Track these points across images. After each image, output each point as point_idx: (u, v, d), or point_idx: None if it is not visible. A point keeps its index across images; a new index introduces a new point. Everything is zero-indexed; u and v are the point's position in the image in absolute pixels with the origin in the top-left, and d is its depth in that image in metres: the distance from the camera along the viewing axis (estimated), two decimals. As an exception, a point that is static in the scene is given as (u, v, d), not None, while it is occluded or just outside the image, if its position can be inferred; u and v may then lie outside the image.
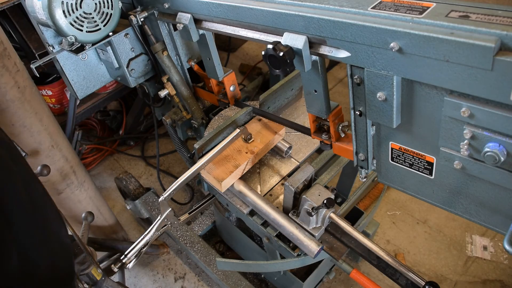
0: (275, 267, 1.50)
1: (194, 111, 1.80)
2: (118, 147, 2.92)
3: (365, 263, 2.06)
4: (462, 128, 0.81)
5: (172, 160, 2.82)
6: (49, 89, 2.28)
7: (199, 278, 2.15)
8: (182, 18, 1.35)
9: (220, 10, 1.19)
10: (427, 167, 0.99)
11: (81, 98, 1.77)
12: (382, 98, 0.91)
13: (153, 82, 1.85)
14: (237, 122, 1.59)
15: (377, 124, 1.03)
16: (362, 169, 1.17)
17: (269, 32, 1.10)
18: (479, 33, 0.69)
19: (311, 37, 0.97)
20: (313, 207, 1.25)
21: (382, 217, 2.32)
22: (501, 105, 0.73)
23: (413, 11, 0.79)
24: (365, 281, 1.32)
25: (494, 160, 0.77)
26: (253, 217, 1.43)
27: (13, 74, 1.40)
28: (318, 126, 1.30)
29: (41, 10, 1.32)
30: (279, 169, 1.57)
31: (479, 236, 2.19)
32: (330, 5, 0.91)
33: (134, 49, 1.67)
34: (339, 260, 1.31)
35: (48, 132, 1.61)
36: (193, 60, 1.76)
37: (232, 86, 1.70)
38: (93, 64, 1.74)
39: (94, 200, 1.97)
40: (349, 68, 0.95)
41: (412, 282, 1.14)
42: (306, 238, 1.27)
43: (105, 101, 2.38)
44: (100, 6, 1.38)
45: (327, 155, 1.57)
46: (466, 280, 2.03)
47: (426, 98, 0.87)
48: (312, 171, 1.34)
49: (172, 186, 1.31)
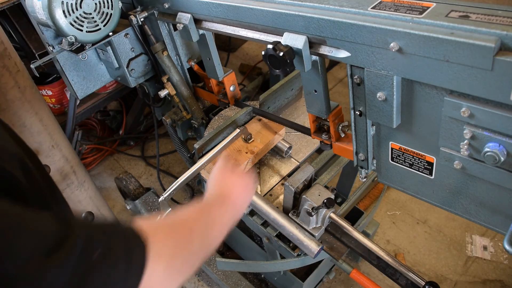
0: (275, 267, 1.50)
1: (194, 111, 1.80)
2: (118, 147, 2.92)
3: (365, 263, 2.06)
4: (462, 128, 0.81)
5: (172, 160, 2.82)
6: (49, 89, 2.28)
7: (199, 278, 2.15)
8: (182, 18, 1.35)
9: (220, 10, 1.19)
10: (427, 167, 0.99)
11: (81, 98, 1.77)
12: (382, 98, 0.91)
13: (153, 82, 1.85)
14: (237, 122, 1.59)
15: (377, 124, 1.03)
16: (362, 169, 1.17)
17: (269, 32, 1.10)
18: (479, 33, 0.69)
19: (311, 37, 0.97)
20: (313, 207, 1.25)
21: (382, 217, 2.32)
22: (501, 105, 0.73)
23: (413, 11, 0.79)
24: (365, 281, 1.32)
25: (494, 160, 0.77)
26: (253, 217, 1.43)
27: (13, 74, 1.40)
28: (318, 126, 1.30)
29: (41, 10, 1.32)
30: (279, 169, 1.57)
31: (479, 236, 2.19)
32: (330, 5, 0.91)
33: (134, 49, 1.67)
34: (339, 260, 1.31)
35: (48, 132, 1.61)
36: (193, 60, 1.76)
37: (232, 86, 1.70)
38: (93, 64, 1.74)
39: (94, 200, 1.97)
40: (349, 68, 0.95)
41: (412, 282, 1.14)
42: (306, 238, 1.27)
43: (105, 101, 2.38)
44: (100, 6, 1.38)
45: (327, 155, 1.57)
46: (466, 280, 2.03)
47: (426, 98, 0.87)
48: (312, 171, 1.34)
49: (172, 186, 1.31)
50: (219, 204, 0.92)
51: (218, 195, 0.96)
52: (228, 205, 0.93)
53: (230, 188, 0.98)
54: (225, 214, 0.90)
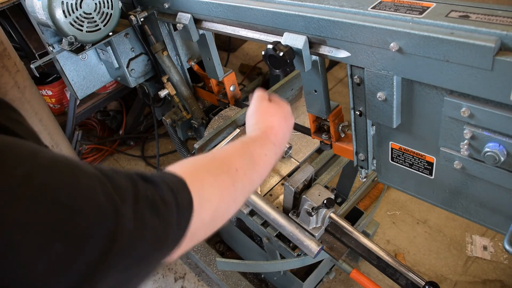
0: (275, 267, 1.50)
1: (194, 111, 1.80)
2: (118, 147, 2.92)
3: (365, 263, 2.06)
4: (462, 128, 0.81)
5: (172, 160, 2.82)
6: (49, 89, 2.28)
7: (199, 278, 2.15)
8: (182, 18, 1.35)
9: (220, 10, 1.19)
10: (427, 167, 0.99)
11: (81, 98, 1.77)
12: (382, 98, 0.91)
13: (153, 82, 1.85)
14: (237, 122, 1.59)
15: (377, 124, 1.03)
16: (362, 169, 1.17)
17: (269, 32, 1.10)
18: (479, 33, 0.69)
19: (311, 37, 0.97)
20: (313, 207, 1.25)
21: (382, 217, 2.32)
22: (501, 105, 0.73)
23: (413, 11, 0.79)
24: (365, 281, 1.32)
25: (494, 160, 0.77)
26: (253, 217, 1.43)
27: (13, 74, 1.40)
28: (318, 126, 1.30)
29: (41, 10, 1.32)
30: (279, 169, 1.57)
31: (479, 236, 2.19)
32: (330, 5, 0.91)
33: (134, 49, 1.67)
34: (339, 260, 1.31)
35: (48, 132, 1.61)
36: (193, 60, 1.76)
37: (232, 86, 1.70)
38: (93, 64, 1.74)
39: (94, 200, 1.97)
40: (349, 68, 0.95)
41: (412, 282, 1.14)
42: (306, 238, 1.27)
43: (105, 101, 2.38)
44: (100, 6, 1.38)
45: (327, 155, 1.57)
46: (466, 280, 2.03)
47: (426, 98, 0.87)
48: (312, 171, 1.34)
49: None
50: (262, 140, 0.89)
51: (259, 131, 0.94)
52: (271, 140, 0.91)
53: (270, 122, 0.96)
54: (268, 150, 0.88)
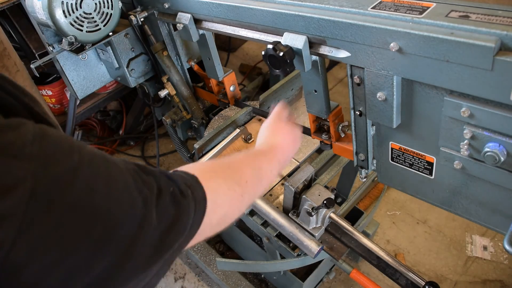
0: (275, 267, 1.50)
1: (194, 111, 1.80)
2: (118, 147, 2.92)
3: (365, 263, 2.06)
4: (462, 128, 0.81)
5: (172, 160, 2.82)
6: (49, 89, 2.28)
7: (199, 278, 2.15)
8: (182, 18, 1.35)
9: (220, 10, 1.19)
10: (427, 167, 0.99)
11: (81, 98, 1.77)
12: (382, 98, 0.91)
13: (153, 82, 1.85)
14: (237, 122, 1.59)
15: (377, 124, 1.03)
16: (362, 169, 1.17)
17: (269, 32, 1.10)
18: (479, 33, 0.69)
19: (311, 37, 0.97)
20: (313, 207, 1.25)
21: (382, 217, 2.32)
22: (501, 105, 0.73)
23: (413, 11, 0.79)
24: (365, 281, 1.32)
25: (494, 160, 0.77)
26: (253, 217, 1.43)
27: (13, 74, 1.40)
28: (318, 126, 1.30)
29: (41, 10, 1.32)
30: (279, 169, 1.57)
31: (479, 236, 2.19)
32: (330, 5, 0.91)
33: (134, 49, 1.67)
34: (339, 260, 1.31)
35: (48, 132, 1.61)
36: (193, 60, 1.76)
37: (232, 86, 1.70)
38: (93, 64, 1.74)
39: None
40: (349, 68, 0.95)
41: (412, 282, 1.14)
42: (306, 238, 1.27)
43: (105, 101, 2.38)
44: (100, 6, 1.38)
45: (327, 155, 1.57)
46: (466, 280, 2.02)
47: (426, 98, 0.87)
48: (312, 171, 1.34)
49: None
50: (270, 156, 0.96)
51: (269, 146, 1.00)
52: (277, 158, 0.97)
53: (279, 141, 1.02)
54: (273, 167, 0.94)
